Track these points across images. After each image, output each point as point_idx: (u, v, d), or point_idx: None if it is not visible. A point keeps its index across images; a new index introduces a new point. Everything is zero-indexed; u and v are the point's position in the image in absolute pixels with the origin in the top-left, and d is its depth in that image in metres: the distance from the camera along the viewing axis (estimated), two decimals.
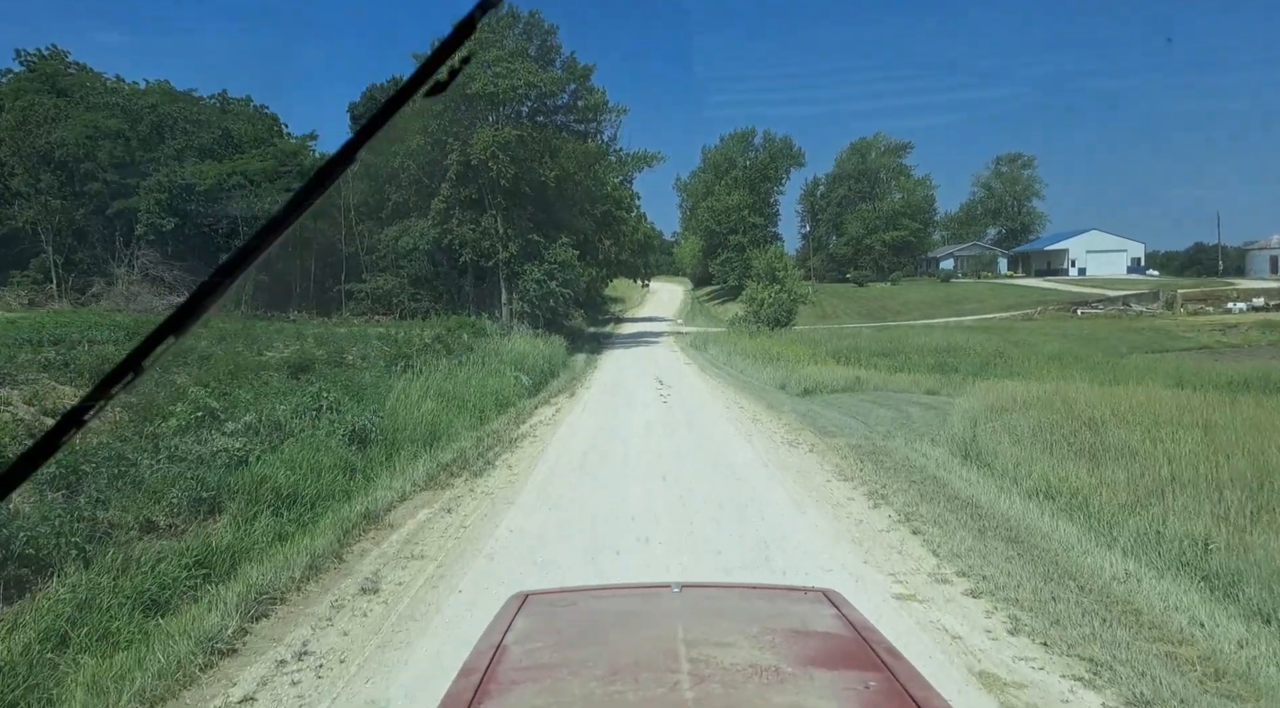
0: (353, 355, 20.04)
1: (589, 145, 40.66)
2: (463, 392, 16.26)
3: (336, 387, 14.71)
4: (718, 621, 2.32)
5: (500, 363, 21.86)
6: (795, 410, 17.55)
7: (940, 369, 26.67)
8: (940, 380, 24.06)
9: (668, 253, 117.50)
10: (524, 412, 17.55)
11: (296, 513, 8.24)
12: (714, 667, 1.87)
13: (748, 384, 24.27)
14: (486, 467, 11.72)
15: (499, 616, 2.39)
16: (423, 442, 12.43)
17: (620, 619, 2.47)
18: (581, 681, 1.85)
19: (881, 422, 16.19)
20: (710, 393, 22.09)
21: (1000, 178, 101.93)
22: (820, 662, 2.01)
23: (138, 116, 40.16)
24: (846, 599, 2.48)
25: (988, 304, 61.67)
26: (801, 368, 27.15)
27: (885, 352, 32.37)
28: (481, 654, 2.06)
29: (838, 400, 20.22)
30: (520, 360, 22.88)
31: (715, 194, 74.98)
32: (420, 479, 10.46)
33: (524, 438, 14.40)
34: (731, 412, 17.82)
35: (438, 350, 24.12)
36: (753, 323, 45.77)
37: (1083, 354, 30.75)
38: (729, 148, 78.42)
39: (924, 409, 17.75)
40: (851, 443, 12.93)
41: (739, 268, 70.61)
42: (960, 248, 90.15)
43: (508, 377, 19.71)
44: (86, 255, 41.68)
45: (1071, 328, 45.81)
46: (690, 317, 66.12)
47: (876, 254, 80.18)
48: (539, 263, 36.22)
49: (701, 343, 40.89)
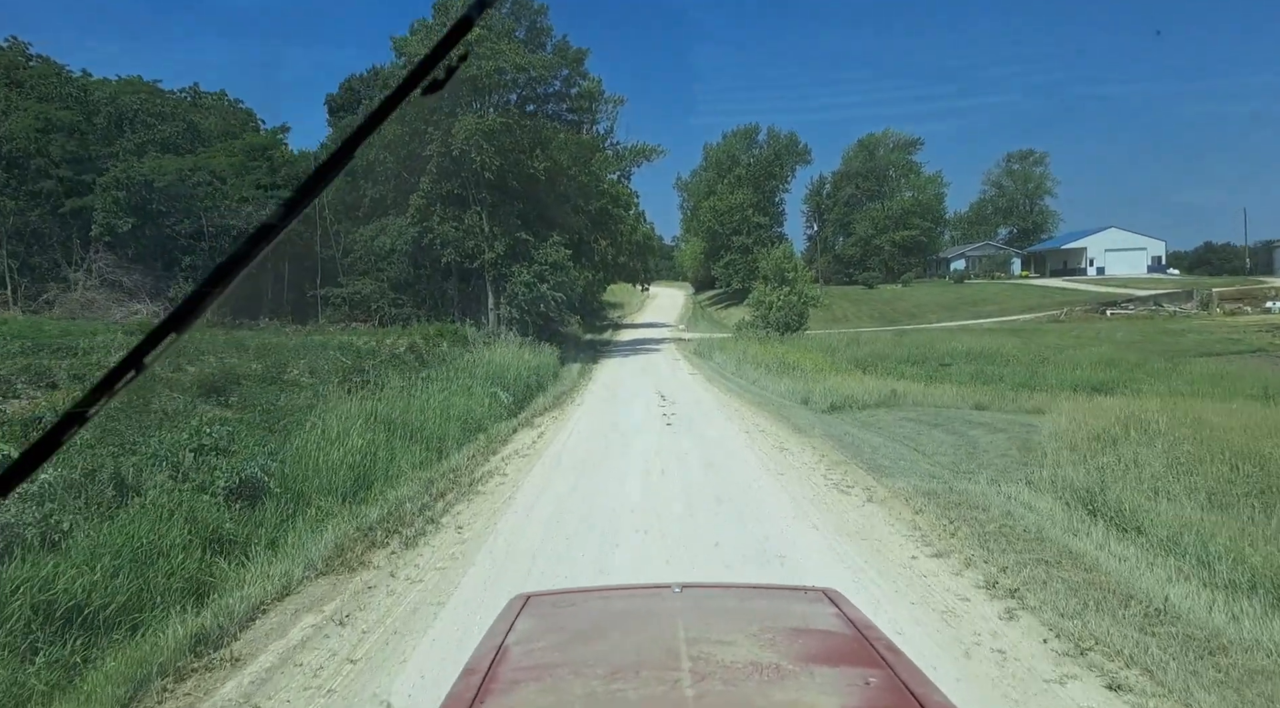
0: (298, 370, 16.82)
1: (583, 136, 37.49)
2: (418, 417, 13.02)
3: (252, 414, 11.50)
4: (718, 619, 2.32)
5: (475, 377, 18.62)
6: (828, 433, 14.32)
7: (982, 379, 23.43)
8: (987, 393, 20.83)
9: (668, 257, 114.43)
10: (498, 438, 14.30)
11: (72, 648, 4.99)
12: (715, 665, 1.87)
13: (763, 399, 21.03)
14: (428, 527, 8.49)
15: (501, 617, 2.38)
16: (347, 491, 9.20)
17: (621, 619, 2.46)
18: (583, 680, 1.85)
19: (942, 450, 12.95)
20: (721, 410, 18.85)
21: (1012, 176, 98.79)
22: (821, 659, 2.01)
23: (94, 108, 37.02)
24: (846, 598, 2.46)
25: (1007, 305, 58.42)
26: (823, 379, 23.92)
27: (912, 358, 29.13)
28: (483, 655, 2.05)
29: (875, 419, 16.98)
30: (500, 374, 19.64)
31: (718, 193, 71.73)
32: (321, 556, 7.23)
33: (490, 478, 11.16)
34: (752, 436, 14.58)
35: (406, 363, 20.94)
36: (761, 328, 42.54)
37: (1135, 360, 27.49)
38: (732, 145, 75.25)
39: (989, 432, 14.49)
40: (920, 486, 9.68)
41: (743, 270, 67.44)
42: (972, 248, 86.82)
43: (480, 394, 16.48)
44: (45, 259, 38.51)
45: (1105, 330, 42.53)
46: (692, 322, 62.86)
47: (886, 255, 76.89)
48: (528, 264, 33.01)
49: (706, 350, 37.67)
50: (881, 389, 20.76)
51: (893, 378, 24.67)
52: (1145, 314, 48.90)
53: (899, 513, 8.62)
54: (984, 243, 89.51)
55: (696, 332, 52.38)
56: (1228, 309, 48.10)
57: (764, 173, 72.02)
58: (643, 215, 54.99)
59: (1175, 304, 50.34)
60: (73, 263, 37.87)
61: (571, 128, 37.54)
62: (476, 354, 23.92)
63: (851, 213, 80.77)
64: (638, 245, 58.28)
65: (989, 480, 10.03)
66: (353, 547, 7.61)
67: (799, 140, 75.01)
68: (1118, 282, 67.53)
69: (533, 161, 33.20)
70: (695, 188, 78.74)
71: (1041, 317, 51.72)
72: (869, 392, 20.46)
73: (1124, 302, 51.84)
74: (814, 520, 8.41)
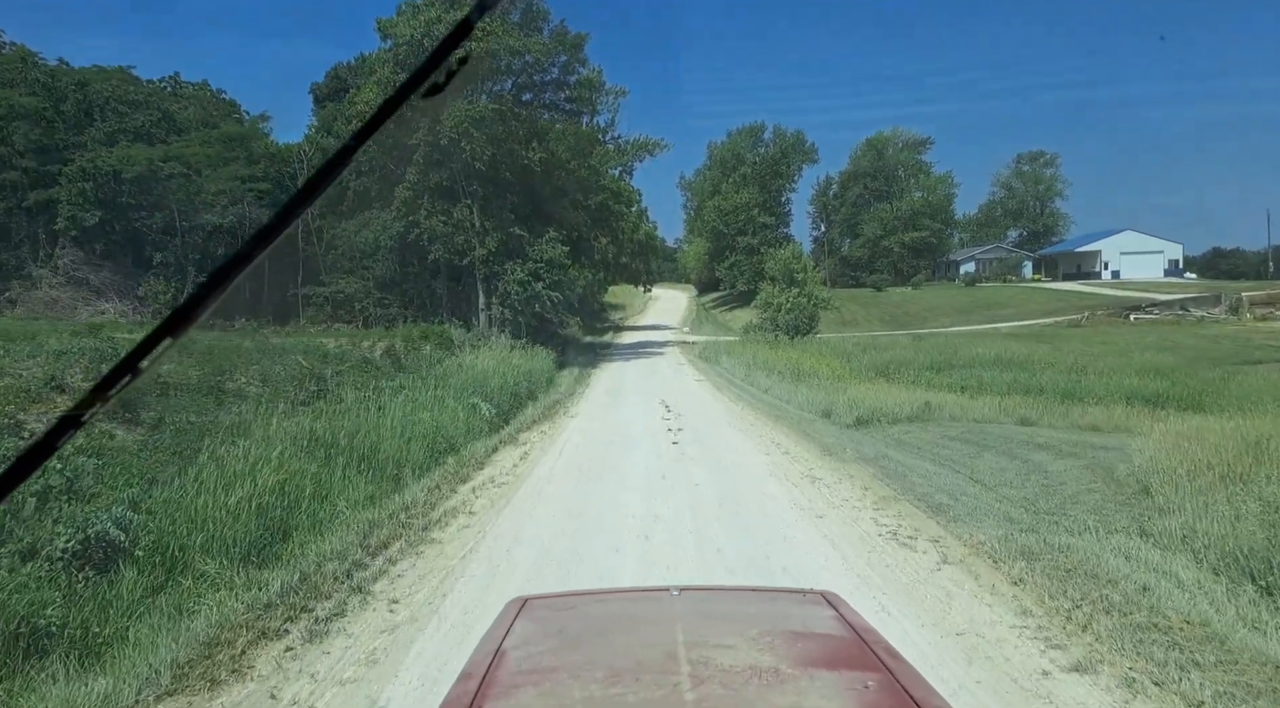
0: (246, 378, 14.56)
1: (582, 127, 35.24)
2: (371, 437, 10.75)
3: (161, 435, 9.24)
4: (717, 623, 2.31)
5: (452, 386, 16.36)
6: (863, 456, 12.04)
7: (1021, 389, 21.11)
8: (1030, 405, 18.53)
9: (670, 260, 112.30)
10: (471, 461, 12.03)
11: None
12: (714, 668, 1.85)
13: (780, 410, 18.76)
14: (351, 602, 6.23)
15: (498, 621, 2.35)
16: (249, 548, 6.93)
17: (620, 623, 2.43)
18: (582, 683, 1.84)
19: (1006, 479, 10.68)
20: (733, 423, 16.58)
21: (1021, 177, 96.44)
22: (820, 663, 1.99)
23: (61, 95, 34.79)
24: (845, 601, 2.46)
25: (1024, 309, 56.07)
26: (843, 388, 21.65)
27: (935, 365, 26.82)
28: (480, 659, 2.03)
29: (912, 437, 14.70)
30: (483, 381, 17.37)
31: (723, 192, 69.45)
32: (176, 661, 4.96)
33: (451, 519, 8.89)
34: (773, 458, 12.30)
35: (379, 368, 18.71)
36: (769, 330, 40.25)
37: (1181, 367, 25.18)
38: (736, 143, 73.00)
39: (1055, 457, 12.20)
40: (1004, 539, 7.39)
41: (748, 271, 65.18)
42: (981, 250, 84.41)
43: (454, 407, 14.20)
44: (8, 256, 36.28)
45: (1133, 336, 40.21)
46: (696, 325, 60.58)
47: (895, 257, 74.59)
48: (522, 261, 30.74)
49: (713, 354, 35.40)
50: (912, 401, 18.47)
51: (920, 387, 22.37)
52: (1171, 319, 46.55)
53: (993, 584, 6.33)
54: (994, 245, 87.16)
55: (701, 334, 50.09)
56: (1259, 314, 45.74)
57: (770, 171, 69.72)
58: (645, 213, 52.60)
59: (1202, 308, 48.01)
60: (38, 259, 35.65)
61: (570, 118, 35.32)
62: (460, 359, 21.67)
63: (859, 214, 78.45)
64: (640, 245, 56.02)
65: (1089, 530, 7.75)
66: (231, 641, 5.33)
67: (805, 138, 72.84)
68: (1135, 285, 65.20)
69: (528, 152, 30.97)
70: (699, 187, 76.52)
71: (1061, 321, 49.36)
72: (899, 403, 18.17)
73: (1147, 306, 49.49)
74: (880, 597, 6.11)
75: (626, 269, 58.95)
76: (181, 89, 43.71)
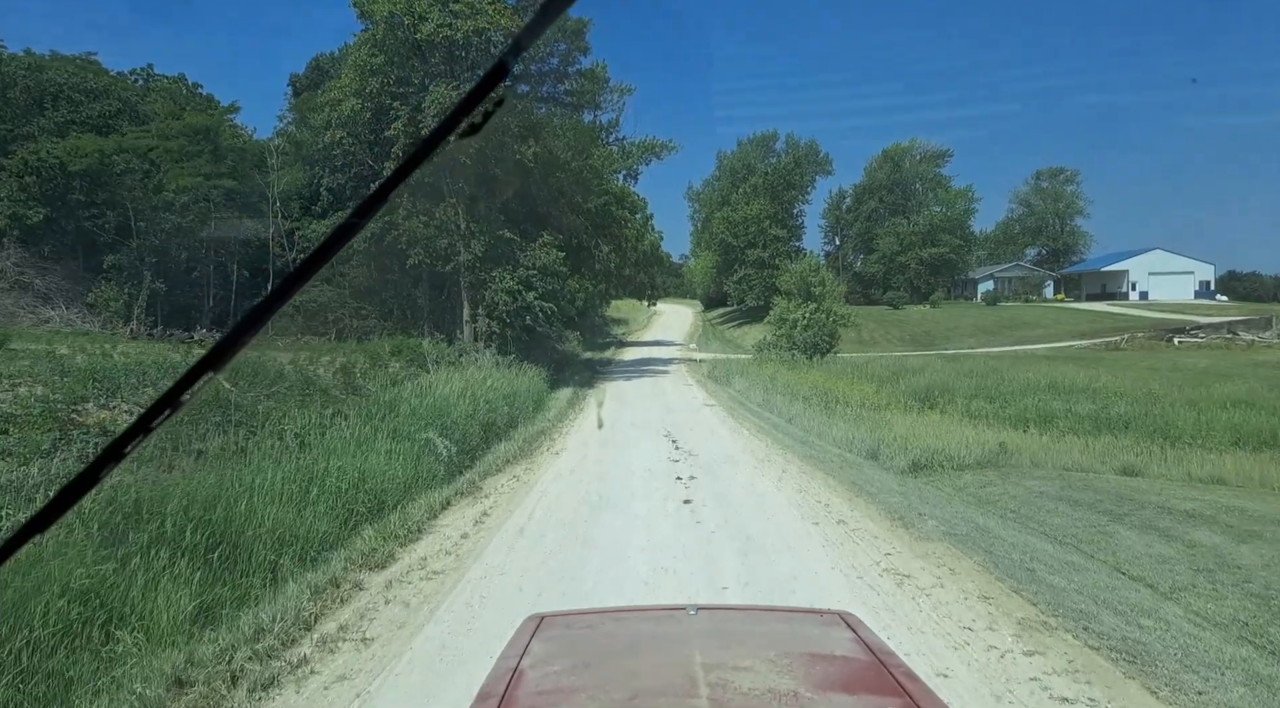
0: (129, 407, 11.12)
1: (582, 123, 31.96)
2: (236, 508, 7.22)
3: None
4: (735, 644, 2.28)
5: (409, 415, 12.88)
6: (951, 529, 8.53)
7: (1105, 427, 17.51)
8: (1124, 448, 15.00)
9: (676, 275, 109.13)
10: (399, 533, 8.48)
11: None
12: (732, 692, 1.82)
13: (814, 448, 15.26)
14: None
15: (514, 639, 2.33)
16: None
17: (637, 642, 2.39)
18: (601, 705, 1.83)
19: (1180, 580, 7.17)
20: (760, 469, 13.05)
21: (1040, 194, 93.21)
22: (839, 686, 1.97)
23: (10, 81, 31.60)
24: (863, 622, 2.43)
25: (1054, 330, 52.58)
26: (886, 419, 18.16)
27: (982, 392, 23.22)
28: (498, 678, 2.00)
29: (997, 494, 11.18)
30: (446, 409, 13.88)
31: (732, 203, 66.13)
32: None
33: (323, 659, 5.38)
34: (827, 532, 8.76)
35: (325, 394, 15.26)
36: (785, 349, 36.74)
37: (1272, 398, 21.53)
38: (747, 153, 69.80)
39: (1230, 537, 8.64)
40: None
41: (758, 286, 61.82)
42: (1001, 268, 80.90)
43: (392, 447, 10.68)
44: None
45: (1185, 360, 36.65)
46: (703, 341, 57.12)
47: (911, 273, 71.04)
48: (512, 268, 27.34)
49: (723, 374, 31.93)
50: (978, 440, 14.95)
51: (973, 419, 18.84)
52: (1220, 343, 42.99)
53: None
54: (1014, 263, 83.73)
55: (709, 352, 46.59)
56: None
57: (782, 182, 66.37)
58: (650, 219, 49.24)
59: (1252, 332, 44.42)
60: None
61: (570, 113, 32.03)
62: (428, 379, 18.22)
63: (874, 228, 75.08)
64: (644, 256, 52.54)
65: None
66: None
67: (819, 148, 69.65)
68: (1165, 307, 61.65)
69: (521, 148, 27.62)
70: (707, 198, 73.24)
71: (1097, 343, 45.83)
72: (960, 443, 14.66)
73: (1191, 329, 45.90)
74: None
75: (630, 281, 55.49)
76: (155, 82, 40.56)
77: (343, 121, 27.20)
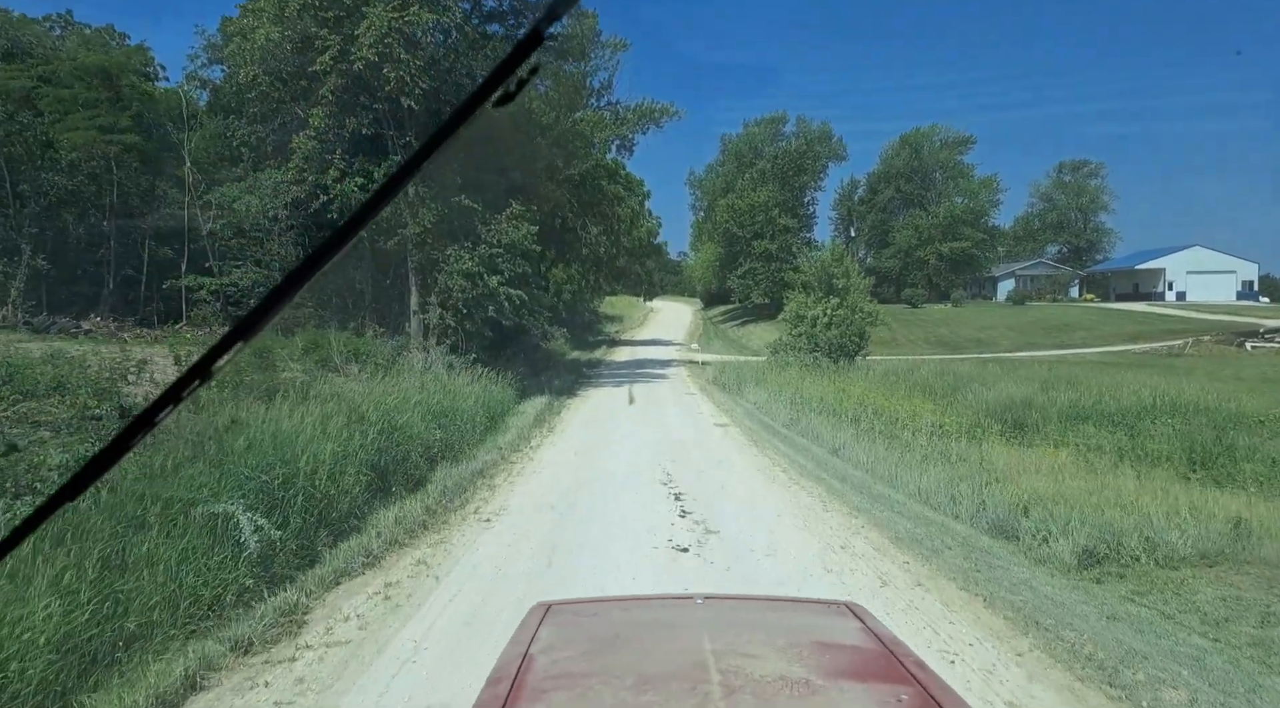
0: None
1: (563, 71, 26.12)
2: None
3: None
4: (744, 632, 2.24)
5: (207, 471, 7.10)
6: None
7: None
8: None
9: (674, 271, 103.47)
10: None
11: None
12: (744, 678, 1.81)
13: (901, 513, 9.52)
14: None
15: (523, 625, 2.30)
16: None
17: (646, 629, 2.39)
18: (612, 689, 1.80)
19: None
20: (823, 560, 7.33)
21: (1063, 188, 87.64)
22: (850, 674, 1.95)
23: None
24: (870, 612, 2.39)
25: (1097, 333, 46.92)
26: (985, 457, 12.44)
27: (1085, 413, 17.48)
28: (508, 663, 1.99)
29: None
30: (288, 451, 8.07)
31: (737, 190, 60.31)
32: None
33: None
34: None
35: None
36: (806, 351, 30.94)
37: None
38: (754, 135, 64.00)
39: None
40: None
41: (765, 281, 56.09)
42: (1022, 266, 75.27)
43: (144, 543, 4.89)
44: None
45: (1272, 369, 31.05)
46: (705, 341, 51.35)
47: (930, 269, 65.36)
48: (472, 245, 21.58)
49: (733, 381, 26.28)
50: (1172, 505, 9.23)
51: (1110, 457, 13.10)
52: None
53: None
54: (1036, 260, 78.15)
55: (711, 353, 40.82)
56: None
57: (792, 167, 60.61)
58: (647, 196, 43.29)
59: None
60: None
61: (553, 58, 26.23)
62: (329, 387, 12.44)
63: (889, 220, 69.38)
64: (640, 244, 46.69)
65: None
66: None
67: (832, 131, 63.85)
68: (1212, 308, 55.93)
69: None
70: (710, 184, 67.42)
71: (1157, 348, 40.25)
72: (1146, 512, 8.94)
73: (1266, 333, 40.33)
74: None
75: (624, 273, 49.76)
76: (73, 29, 34.63)
77: (257, 56, 21.36)
